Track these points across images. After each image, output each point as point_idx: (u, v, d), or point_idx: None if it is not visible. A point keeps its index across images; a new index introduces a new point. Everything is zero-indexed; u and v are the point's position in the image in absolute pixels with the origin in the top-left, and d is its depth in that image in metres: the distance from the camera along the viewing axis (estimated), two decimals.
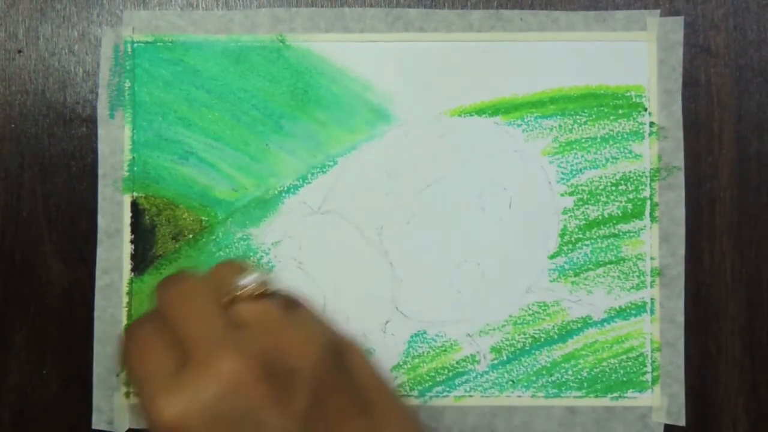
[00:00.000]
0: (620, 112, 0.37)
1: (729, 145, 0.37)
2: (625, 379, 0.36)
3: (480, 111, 0.37)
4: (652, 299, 0.36)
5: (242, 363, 0.25)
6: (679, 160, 0.37)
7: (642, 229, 0.36)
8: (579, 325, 0.36)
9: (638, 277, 0.36)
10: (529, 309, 0.36)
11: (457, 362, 0.36)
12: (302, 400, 0.26)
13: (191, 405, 0.25)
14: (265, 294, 0.28)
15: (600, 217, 0.36)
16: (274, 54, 0.37)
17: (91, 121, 0.37)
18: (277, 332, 0.27)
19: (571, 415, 0.36)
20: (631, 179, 0.36)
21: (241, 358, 0.25)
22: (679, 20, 0.37)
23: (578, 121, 0.37)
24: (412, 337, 0.36)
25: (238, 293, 0.28)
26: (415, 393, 0.36)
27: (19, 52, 0.38)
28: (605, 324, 0.36)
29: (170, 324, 0.27)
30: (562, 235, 0.36)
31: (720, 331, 0.37)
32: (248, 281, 0.28)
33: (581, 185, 0.36)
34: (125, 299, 0.37)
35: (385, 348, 0.36)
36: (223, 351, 0.25)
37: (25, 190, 0.37)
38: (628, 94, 0.37)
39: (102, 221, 0.37)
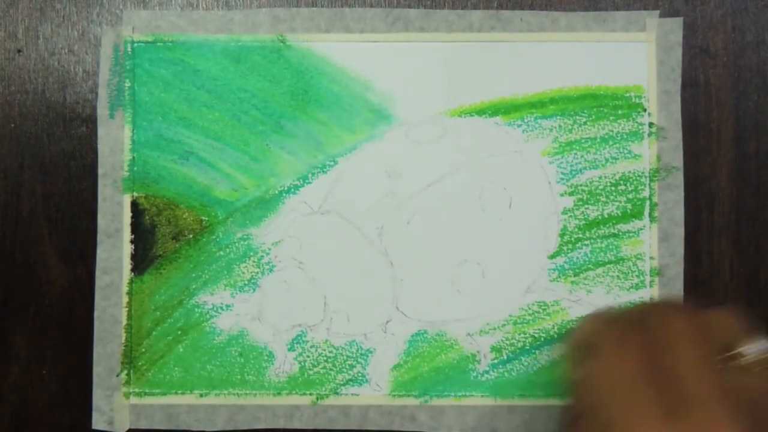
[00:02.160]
0: (620, 112, 0.37)
1: (728, 146, 0.37)
2: None
3: (480, 111, 0.37)
4: (651, 299, 0.36)
5: None
6: (678, 160, 0.37)
7: (641, 229, 0.37)
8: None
9: (638, 276, 0.36)
10: (529, 309, 0.36)
11: (457, 362, 0.36)
12: None
13: None
14: (764, 365, 0.27)
15: (599, 217, 0.36)
16: (274, 54, 0.37)
17: (91, 121, 0.37)
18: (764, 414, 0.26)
19: None
20: (631, 179, 0.37)
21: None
22: (679, 21, 0.37)
23: (578, 121, 0.37)
24: (412, 336, 0.36)
25: (740, 362, 0.27)
26: (415, 393, 0.36)
27: (19, 51, 0.38)
28: None
29: (665, 354, 0.26)
30: (561, 235, 0.37)
31: None
32: (753, 350, 0.27)
33: (581, 185, 0.37)
34: (125, 299, 0.37)
35: (386, 348, 0.36)
36: (726, 423, 0.25)
37: (25, 190, 0.37)
38: (628, 94, 0.37)
39: (102, 221, 0.37)
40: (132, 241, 0.37)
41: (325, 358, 0.36)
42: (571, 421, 0.31)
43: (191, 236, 0.37)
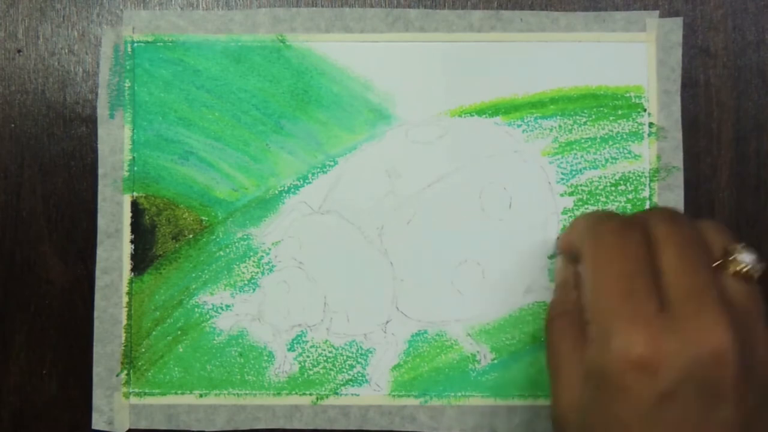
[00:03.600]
0: (620, 112, 0.37)
1: (728, 146, 0.37)
2: None
3: (480, 111, 0.37)
4: None
5: (730, 339, 0.25)
6: (678, 160, 0.37)
7: None
8: None
9: None
10: (529, 309, 0.36)
11: (457, 362, 0.36)
12: (755, 398, 0.25)
13: (669, 353, 0.24)
14: (751, 277, 0.27)
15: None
16: (274, 54, 0.37)
17: (91, 121, 0.37)
18: (756, 324, 0.26)
19: None
20: (631, 179, 0.37)
21: (732, 335, 0.25)
22: (678, 21, 0.37)
23: (578, 121, 0.37)
24: (412, 336, 0.36)
25: (730, 269, 0.27)
26: (415, 393, 0.36)
27: (19, 51, 0.38)
28: None
29: (661, 254, 0.26)
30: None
31: None
32: (746, 259, 0.27)
33: (581, 185, 0.37)
34: (125, 299, 0.37)
35: (386, 348, 0.36)
36: (718, 318, 0.25)
37: (25, 190, 0.37)
38: (628, 94, 0.37)
39: (102, 221, 0.37)
40: (132, 241, 0.37)
41: (325, 358, 0.36)
42: (552, 318, 0.31)
43: (191, 236, 0.37)
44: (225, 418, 0.36)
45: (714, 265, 0.27)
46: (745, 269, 0.27)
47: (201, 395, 0.36)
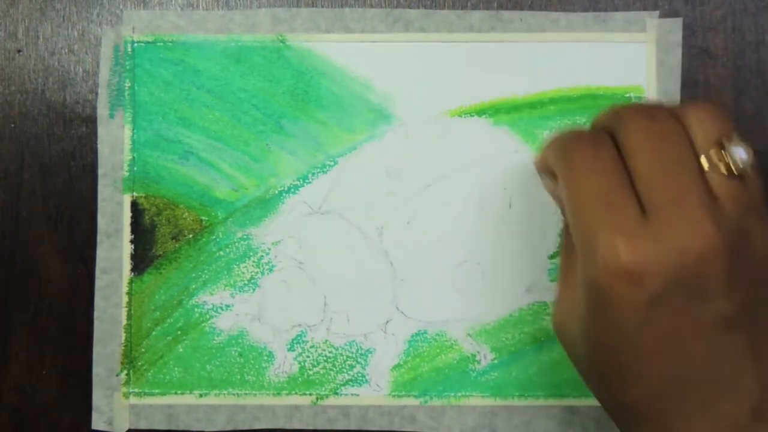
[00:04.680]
0: None
1: None
2: None
3: (480, 111, 0.37)
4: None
5: (716, 236, 0.24)
6: None
7: None
8: None
9: None
10: (529, 309, 0.36)
11: (457, 362, 0.36)
12: (753, 291, 0.25)
13: (654, 257, 0.24)
14: (742, 171, 0.25)
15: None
16: (274, 54, 0.37)
17: (91, 121, 0.37)
18: (748, 219, 0.25)
19: (571, 415, 0.36)
20: None
21: (717, 232, 0.24)
22: (678, 21, 0.37)
23: (578, 121, 0.37)
24: (412, 336, 0.36)
25: (717, 163, 0.25)
26: (415, 393, 0.36)
27: (19, 51, 0.38)
28: None
29: (634, 160, 0.25)
30: (561, 235, 0.36)
31: None
32: (737, 153, 0.25)
33: None
34: (125, 299, 0.37)
35: (386, 348, 0.36)
36: (702, 215, 0.24)
37: (25, 190, 0.37)
38: (628, 95, 0.37)
39: (102, 221, 0.37)
40: (132, 241, 0.37)
41: (325, 358, 0.36)
42: (564, 236, 0.31)
43: (191, 236, 0.37)
44: (225, 418, 0.36)
45: (700, 160, 0.25)
46: (734, 163, 0.25)
47: (201, 395, 0.36)
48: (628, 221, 0.25)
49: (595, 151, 0.26)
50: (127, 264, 0.37)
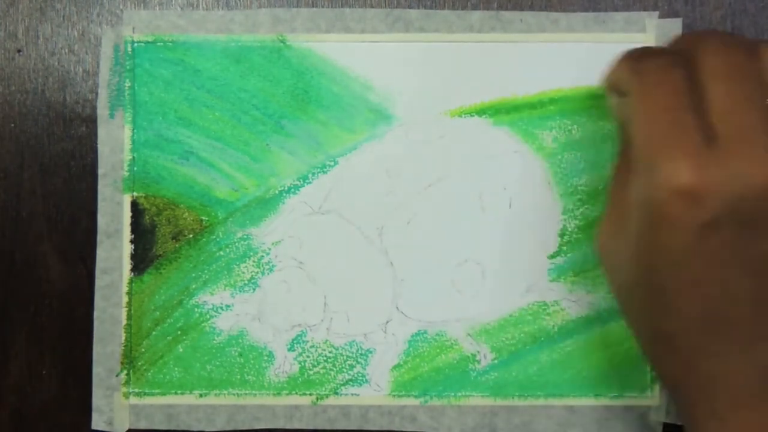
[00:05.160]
0: None
1: None
2: (624, 378, 0.36)
3: (480, 111, 0.37)
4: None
5: None
6: None
7: None
8: (579, 325, 0.36)
9: None
10: (529, 309, 0.36)
11: (457, 362, 0.36)
12: None
13: (716, 181, 0.24)
14: None
15: (600, 218, 0.36)
16: (274, 54, 0.37)
17: (91, 121, 0.37)
18: None
19: (571, 415, 0.36)
20: None
21: None
22: (678, 22, 0.37)
23: (578, 121, 0.37)
24: (412, 336, 0.36)
25: None
26: (415, 393, 0.36)
27: (19, 51, 0.38)
28: (605, 323, 0.36)
29: (709, 87, 0.25)
30: (561, 235, 0.37)
31: None
32: None
33: (581, 185, 0.37)
34: (125, 299, 0.37)
35: (386, 348, 0.36)
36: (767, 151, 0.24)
37: (25, 190, 0.37)
38: None
39: (102, 221, 0.37)
40: (132, 241, 0.37)
41: (325, 358, 0.36)
42: (619, 157, 0.31)
43: (191, 236, 0.37)
44: (225, 418, 0.36)
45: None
46: None
47: (201, 395, 0.36)
48: (694, 143, 0.25)
49: (670, 69, 0.26)
50: (127, 264, 0.37)
